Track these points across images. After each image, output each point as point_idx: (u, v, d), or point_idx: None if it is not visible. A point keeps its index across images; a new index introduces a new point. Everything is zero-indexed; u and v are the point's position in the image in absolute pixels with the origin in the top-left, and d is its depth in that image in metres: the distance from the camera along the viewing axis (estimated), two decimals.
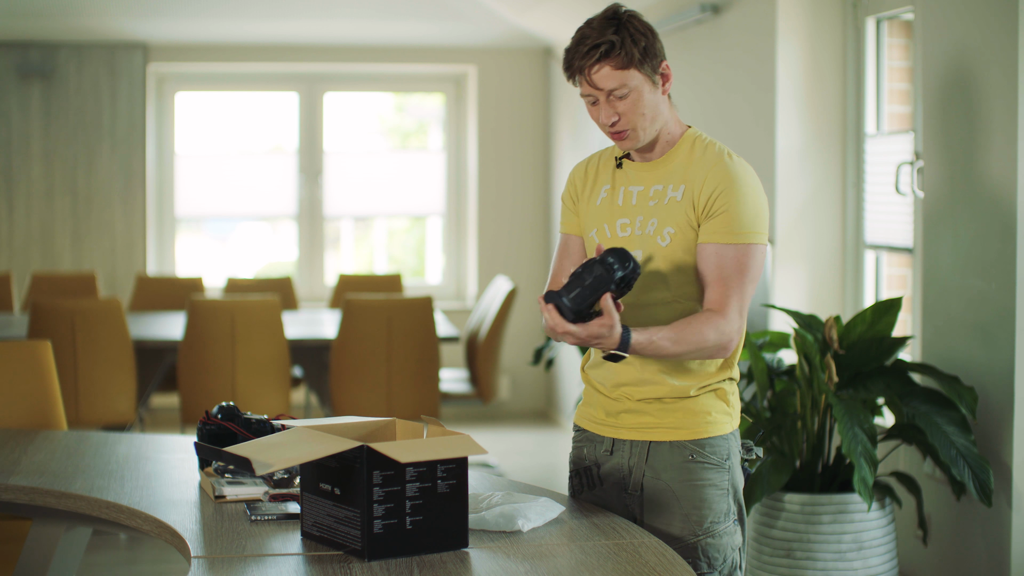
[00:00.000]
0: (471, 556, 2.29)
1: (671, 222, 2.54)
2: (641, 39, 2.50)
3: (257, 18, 7.86)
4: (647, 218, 2.57)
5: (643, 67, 2.51)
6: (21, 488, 2.88)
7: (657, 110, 2.55)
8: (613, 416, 2.65)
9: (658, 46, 2.53)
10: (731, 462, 2.60)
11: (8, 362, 3.73)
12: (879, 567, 4.03)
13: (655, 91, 2.53)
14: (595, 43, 2.49)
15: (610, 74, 2.50)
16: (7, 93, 8.01)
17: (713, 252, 2.51)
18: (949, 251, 4.13)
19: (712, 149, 2.57)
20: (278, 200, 8.63)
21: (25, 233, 8.09)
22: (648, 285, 2.57)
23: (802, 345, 4.05)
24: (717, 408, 2.60)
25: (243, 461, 2.29)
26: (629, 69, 2.50)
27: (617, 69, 2.50)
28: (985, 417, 3.96)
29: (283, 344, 5.78)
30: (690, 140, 2.59)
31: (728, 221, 2.49)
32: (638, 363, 2.59)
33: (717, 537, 2.57)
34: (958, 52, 4.08)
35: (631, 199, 2.60)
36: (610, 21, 2.51)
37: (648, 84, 2.52)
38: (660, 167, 2.59)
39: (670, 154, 2.59)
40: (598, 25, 2.51)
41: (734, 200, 2.50)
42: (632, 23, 2.51)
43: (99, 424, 5.72)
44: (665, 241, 2.54)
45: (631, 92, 2.51)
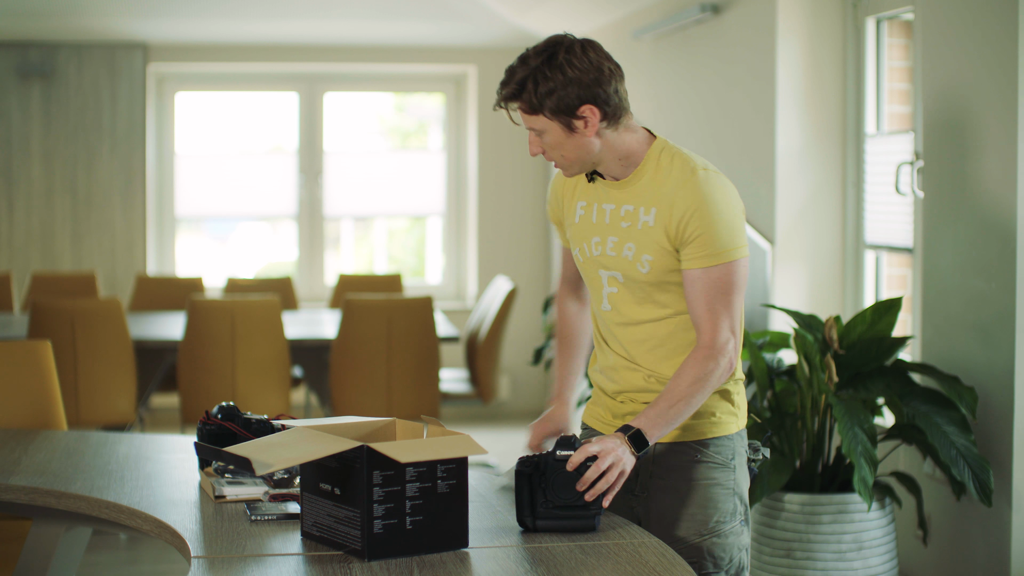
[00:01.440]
0: (471, 556, 2.29)
1: (648, 249, 2.51)
2: (546, 84, 2.41)
3: (257, 18, 7.86)
4: (622, 240, 2.54)
5: (546, 114, 2.44)
6: (21, 488, 2.88)
7: (583, 151, 2.48)
8: (619, 418, 2.64)
9: (576, 92, 2.41)
10: (736, 462, 2.60)
11: (8, 362, 3.73)
12: (879, 567, 4.03)
13: (573, 136, 2.46)
14: (503, 82, 2.46)
15: (523, 116, 2.48)
16: (7, 93, 8.01)
17: (697, 277, 2.48)
18: (949, 251, 4.13)
19: (678, 165, 2.50)
20: (278, 200, 8.63)
21: (25, 233, 8.09)
22: (638, 304, 2.56)
23: (802, 345, 4.05)
24: (722, 408, 2.59)
25: (243, 461, 2.29)
26: (536, 115, 2.45)
27: (525, 113, 2.47)
28: (985, 417, 3.96)
29: (283, 344, 5.78)
30: (656, 156, 2.52)
31: (706, 244, 2.46)
32: (641, 372, 2.59)
33: (723, 537, 2.57)
34: (958, 52, 4.08)
35: (604, 217, 2.57)
36: (525, 64, 2.44)
37: (559, 129, 2.46)
38: (628, 186, 2.54)
39: (637, 172, 2.53)
40: (515, 66, 2.46)
41: (707, 221, 2.45)
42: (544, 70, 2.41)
43: (99, 424, 5.72)
44: (644, 268, 2.52)
45: (545, 134, 2.47)
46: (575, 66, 2.42)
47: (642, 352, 2.58)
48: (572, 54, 2.43)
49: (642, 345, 2.58)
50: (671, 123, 6.15)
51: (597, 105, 2.44)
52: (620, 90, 2.48)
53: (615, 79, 2.46)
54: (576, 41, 2.46)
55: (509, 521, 2.49)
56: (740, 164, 5.39)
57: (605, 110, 2.45)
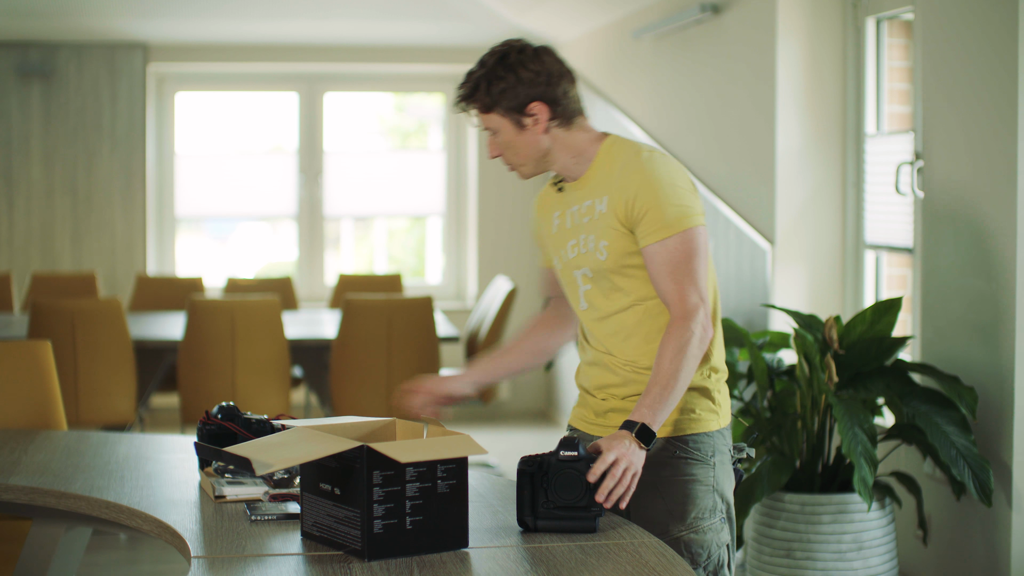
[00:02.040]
0: (471, 556, 2.29)
1: (604, 236, 2.59)
2: (499, 84, 2.56)
3: (257, 18, 7.86)
4: (586, 235, 2.63)
5: (500, 111, 2.58)
6: (21, 488, 2.88)
7: (534, 149, 2.61)
8: (601, 416, 2.69)
9: (524, 90, 2.56)
10: (717, 459, 2.63)
11: (8, 362, 3.73)
12: (879, 567, 4.03)
13: (523, 133, 2.59)
14: (460, 84, 2.63)
15: (480, 117, 2.62)
16: (7, 93, 8.01)
17: (655, 252, 2.54)
18: (949, 251, 4.13)
19: (624, 152, 2.60)
20: (278, 200, 8.63)
21: (25, 233, 8.09)
22: (606, 296, 2.63)
23: (802, 345, 4.05)
24: (702, 406, 2.63)
25: (243, 461, 2.29)
26: (489, 113, 2.60)
27: (480, 112, 2.61)
28: (985, 417, 3.96)
29: (283, 344, 5.78)
30: (607, 150, 2.63)
31: (657, 218, 2.53)
32: (620, 366, 2.63)
33: (701, 533, 2.59)
34: (958, 52, 4.08)
35: (574, 219, 2.66)
36: (480, 66, 2.60)
37: (510, 127, 2.59)
38: (585, 183, 2.64)
39: (591, 168, 2.63)
40: (476, 66, 2.61)
41: (653, 196, 2.53)
42: (496, 70, 2.57)
43: (99, 424, 5.72)
44: (603, 255, 2.60)
45: (499, 133, 2.61)
46: (527, 67, 2.57)
47: (617, 343, 2.64)
48: (524, 55, 2.58)
49: (616, 336, 2.64)
50: (671, 123, 6.15)
51: (547, 103, 2.58)
52: (571, 92, 2.62)
53: (565, 82, 2.61)
54: (529, 45, 2.61)
55: (509, 521, 2.49)
56: (740, 164, 5.39)
57: (555, 109, 2.59)
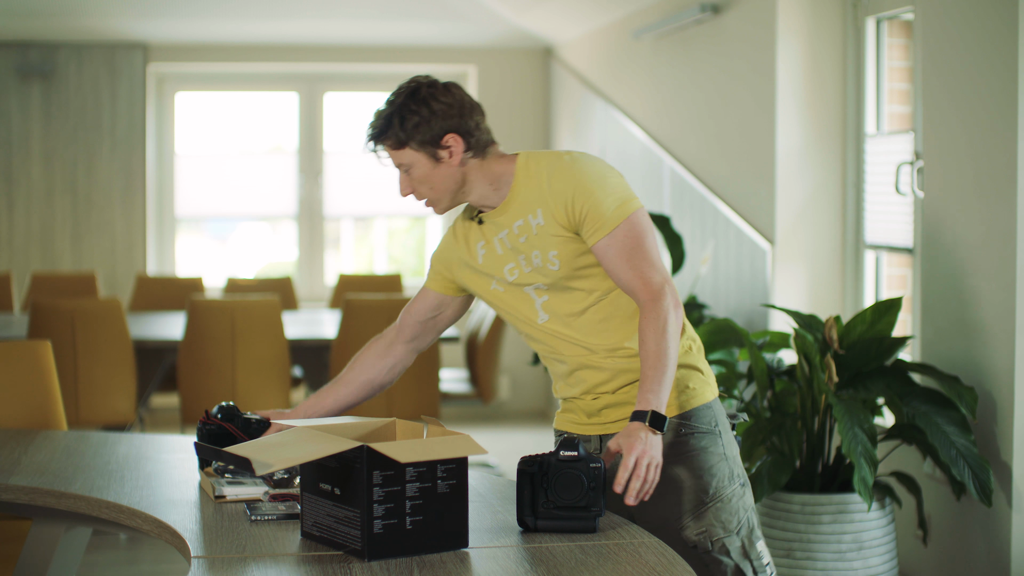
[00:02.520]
0: (471, 556, 2.29)
1: (552, 246, 2.60)
2: (412, 118, 2.56)
3: (257, 18, 7.86)
4: (528, 253, 2.62)
5: (414, 145, 2.58)
6: (21, 488, 2.88)
7: (450, 181, 2.61)
8: (595, 415, 2.68)
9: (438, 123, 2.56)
10: (721, 427, 2.65)
11: (8, 362, 3.73)
12: (879, 567, 4.03)
13: (439, 166, 2.59)
14: (370, 124, 2.63)
15: (391, 154, 2.62)
16: (7, 93, 8.01)
17: (606, 246, 2.56)
18: (949, 251, 4.13)
19: (544, 162, 2.61)
20: (278, 200, 8.63)
21: (25, 233, 8.09)
22: (569, 299, 2.64)
23: (802, 345, 4.05)
24: (694, 379, 2.65)
25: (243, 461, 2.29)
26: (403, 149, 2.59)
27: (392, 149, 2.61)
28: (985, 417, 3.96)
29: (283, 344, 5.78)
30: (523, 167, 2.63)
31: (598, 216, 2.55)
32: (604, 359, 2.63)
33: (726, 501, 2.60)
34: (958, 52, 4.08)
35: (505, 244, 2.66)
36: (389, 104, 2.61)
37: (425, 160, 2.59)
38: (510, 206, 2.64)
39: (512, 190, 2.63)
40: (379, 107, 2.62)
41: (589, 195, 2.55)
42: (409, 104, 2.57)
43: (99, 424, 5.72)
44: (554, 265, 2.61)
45: (413, 167, 2.60)
46: (439, 100, 2.58)
47: (595, 336, 2.64)
48: (435, 89, 2.60)
49: (592, 331, 2.64)
50: (671, 123, 6.15)
51: (461, 135, 2.59)
52: (482, 124, 2.64)
53: (476, 113, 2.63)
54: (437, 80, 2.63)
55: (509, 521, 2.49)
56: (740, 164, 5.39)
57: (469, 140, 2.60)
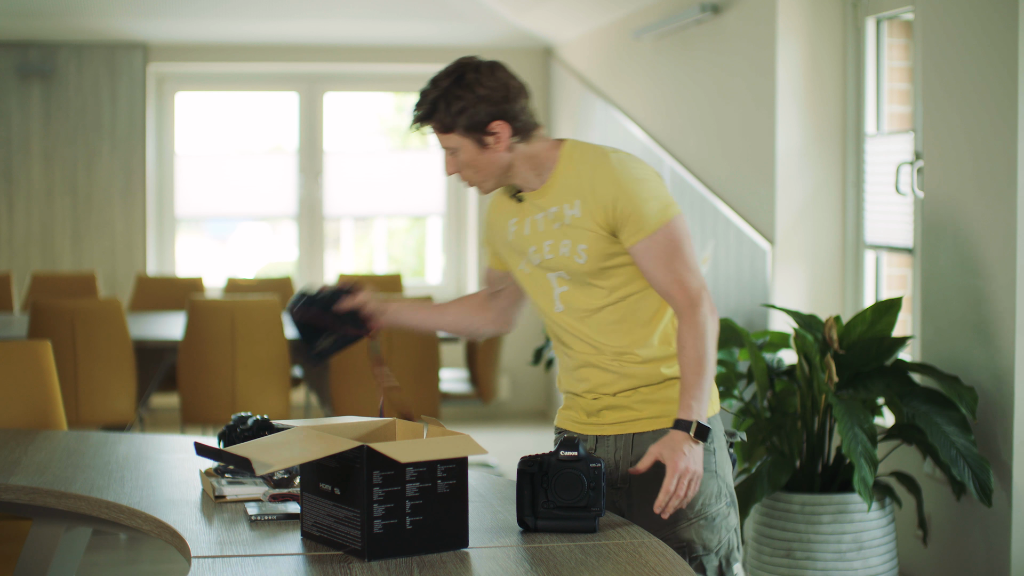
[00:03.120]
0: (471, 556, 2.29)
1: (582, 239, 2.60)
2: (457, 103, 2.54)
3: (257, 18, 7.86)
4: (558, 240, 2.63)
5: (460, 131, 2.56)
6: (21, 488, 2.88)
7: (494, 166, 2.60)
8: (594, 415, 2.69)
9: (485, 109, 2.54)
10: (715, 445, 2.64)
11: (8, 362, 3.73)
12: (879, 567, 4.03)
13: (485, 151, 2.58)
14: (416, 105, 2.60)
15: (437, 136, 2.60)
16: (7, 93, 8.01)
17: (644, 248, 2.57)
18: (949, 251, 4.13)
19: (589, 155, 2.61)
20: (278, 200, 8.63)
21: (25, 233, 8.09)
22: (587, 294, 2.64)
23: (802, 345, 4.05)
24: None
25: (243, 461, 2.29)
26: (450, 133, 2.57)
27: (438, 132, 2.59)
28: (985, 417, 3.96)
29: (283, 344, 5.78)
30: (567, 155, 2.63)
31: (639, 218, 2.55)
32: (609, 361, 2.64)
33: (710, 519, 2.59)
34: (958, 52, 4.08)
35: (537, 226, 2.66)
36: (435, 86, 2.57)
37: (471, 146, 2.57)
38: (549, 190, 2.64)
39: (553, 175, 2.63)
40: (426, 88, 2.58)
41: (631, 198, 2.55)
42: (454, 90, 2.54)
43: (99, 424, 5.72)
44: (582, 259, 2.61)
45: (459, 151, 2.59)
46: (484, 84, 2.55)
47: (604, 337, 2.64)
48: (480, 73, 2.56)
49: (602, 332, 2.64)
50: (671, 123, 6.14)
51: (507, 120, 2.57)
52: (528, 107, 2.62)
53: (523, 96, 2.61)
54: (483, 62, 2.59)
55: (509, 521, 2.49)
56: (740, 164, 5.39)
57: (515, 125, 2.58)
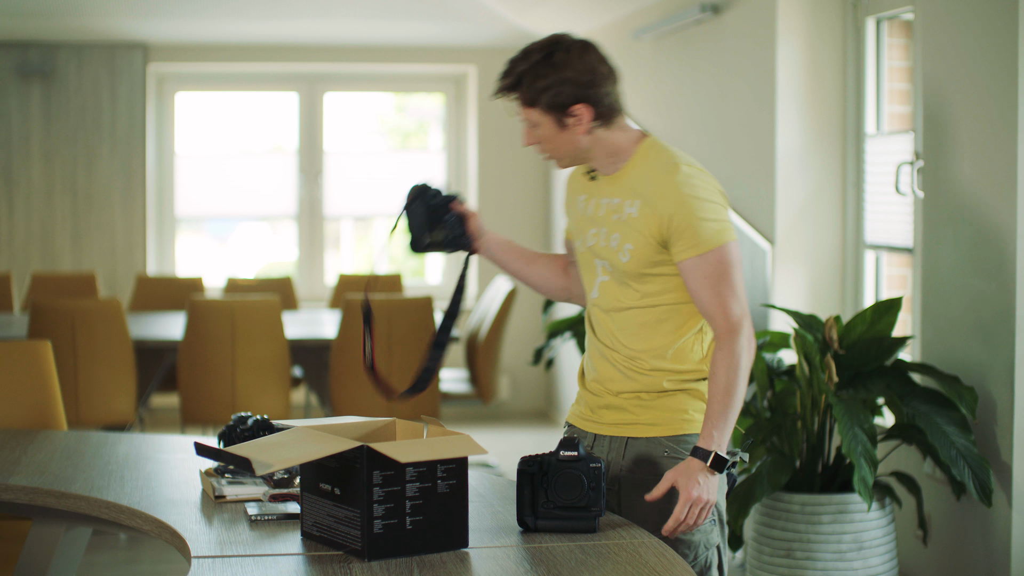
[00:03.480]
0: (471, 556, 2.29)
1: (630, 239, 2.59)
2: (542, 81, 2.51)
3: (257, 18, 7.86)
4: (611, 231, 2.62)
5: (541, 107, 2.54)
6: (21, 488, 2.88)
7: (571, 147, 2.59)
8: (594, 411, 2.70)
9: (568, 90, 2.51)
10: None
11: (8, 362, 3.73)
12: (879, 567, 4.03)
13: (564, 132, 2.56)
14: (502, 75, 2.56)
15: (519, 107, 2.57)
16: (7, 93, 8.01)
17: (693, 266, 2.55)
18: (949, 251, 4.13)
19: (661, 160, 2.58)
20: (278, 200, 8.63)
21: (25, 233, 8.09)
22: (621, 293, 2.63)
23: (802, 345, 4.05)
24: (694, 407, 2.64)
25: (243, 461, 2.29)
26: (532, 108, 2.55)
27: (522, 105, 2.56)
28: (985, 417, 3.96)
29: (283, 344, 5.78)
30: (643, 152, 2.61)
31: (693, 235, 2.53)
32: (621, 360, 2.64)
33: (689, 533, 2.59)
34: (958, 52, 4.08)
35: (600, 210, 2.65)
36: (523, 59, 2.54)
37: (552, 124, 2.55)
38: (618, 181, 2.63)
39: (626, 167, 2.62)
40: (521, 55, 2.55)
41: (692, 214, 2.52)
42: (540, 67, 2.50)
43: (99, 424, 5.72)
44: (625, 257, 2.60)
45: (539, 127, 2.57)
46: (571, 66, 2.51)
47: (622, 337, 2.64)
48: (570, 54, 2.52)
49: (622, 332, 2.64)
50: (671, 123, 6.14)
51: (591, 104, 2.54)
52: (614, 92, 2.58)
53: (610, 81, 2.57)
54: (575, 41, 2.55)
55: (509, 521, 2.49)
56: (740, 164, 5.38)
57: (598, 110, 2.55)
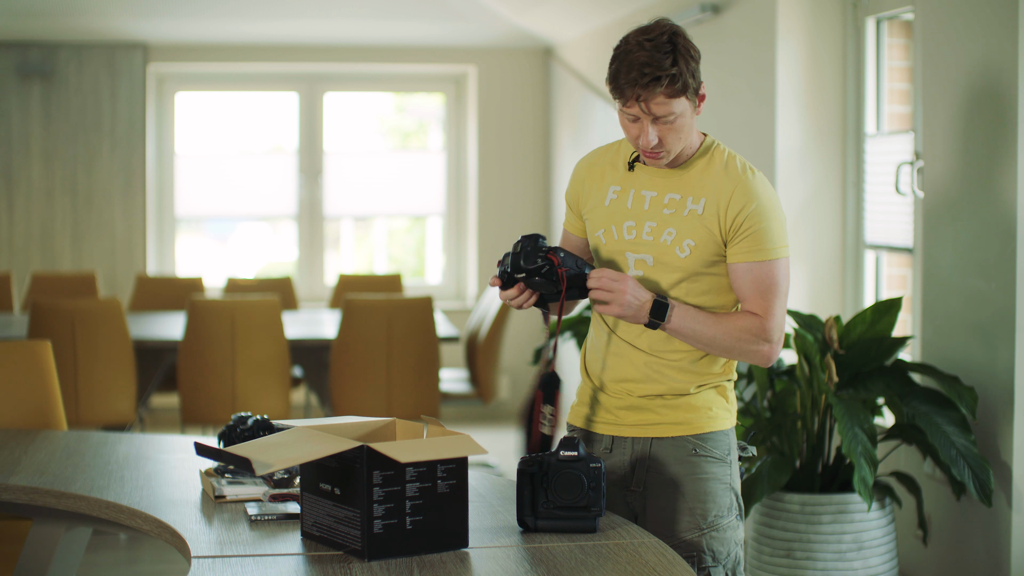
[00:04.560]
0: (471, 556, 2.29)
1: (692, 235, 2.57)
2: (692, 65, 2.51)
3: (257, 18, 7.86)
4: (662, 226, 2.58)
5: (689, 94, 2.53)
6: (21, 488, 2.88)
7: (692, 131, 2.59)
8: (612, 412, 2.67)
9: (698, 71, 2.54)
10: (732, 457, 2.65)
11: (8, 362, 3.73)
12: (879, 567, 4.03)
13: (693, 115, 2.57)
14: (655, 74, 2.47)
15: (663, 102, 2.51)
16: (7, 93, 8.01)
17: (747, 270, 2.56)
18: (949, 251, 4.14)
19: (734, 164, 2.59)
20: (278, 200, 8.63)
21: (25, 233, 8.08)
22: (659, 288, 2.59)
23: (802, 345, 4.05)
24: (718, 404, 2.63)
25: (243, 461, 2.29)
26: (680, 97, 2.52)
27: (670, 98, 2.51)
28: (985, 417, 3.96)
29: (283, 344, 5.78)
30: (708, 150, 2.61)
31: (758, 240, 2.54)
32: (643, 359, 2.62)
33: (721, 531, 2.60)
34: (958, 52, 4.08)
35: (643, 203, 2.61)
36: (667, 47, 2.48)
37: (691, 109, 2.55)
38: (677, 176, 2.60)
39: (688, 163, 2.60)
40: (656, 50, 2.48)
41: (762, 219, 2.54)
42: (688, 50, 2.51)
43: (99, 424, 5.72)
44: (684, 253, 2.57)
45: (677, 118, 2.53)
46: (694, 49, 2.54)
47: (655, 337, 2.61)
48: (683, 36, 2.53)
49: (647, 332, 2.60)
50: None
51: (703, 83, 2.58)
52: None
53: None
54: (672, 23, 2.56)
55: (509, 521, 2.49)
56: None
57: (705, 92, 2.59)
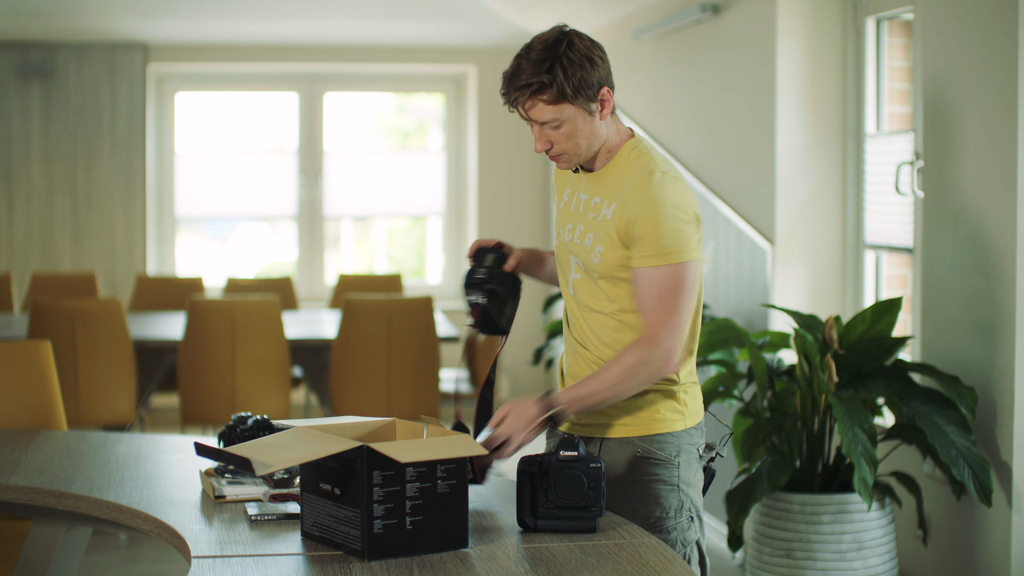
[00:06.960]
0: (471, 556, 2.29)
1: (602, 241, 2.58)
2: (576, 72, 2.48)
3: (257, 18, 7.86)
4: (586, 230, 2.62)
5: (577, 100, 2.50)
6: (21, 488, 2.88)
7: (593, 135, 2.56)
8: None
9: (596, 75, 2.50)
10: (682, 459, 2.63)
11: (8, 362, 3.73)
12: (879, 567, 4.03)
13: (591, 119, 2.53)
14: (527, 81, 2.49)
15: (543, 109, 2.51)
16: (7, 93, 8.01)
17: (644, 275, 2.54)
18: (949, 251, 4.13)
19: (640, 165, 2.57)
20: (278, 200, 8.63)
21: (25, 233, 8.09)
22: (593, 294, 2.63)
23: (802, 345, 4.05)
24: (666, 406, 2.63)
25: (243, 461, 2.29)
26: (562, 104, 2.50)
27: (550, 104, 2.51)
28: (985, 417, 3.96)
29: (283, 344, 5.78)
30: (627, 153, 2.60)
31: (651, 244, 2.52)
32: (592, 360, 2.64)
33: (665, 532, 2.60)
34: (958, 52, 4.08)
35: (579, 207, 2.65)
36: (547, 53, 2.48)
37: (583, 115, 2.52)
38: (600, 179, 2.62)
39: (609, 166, 2.61)
40: (535, 57, 2.49)
41: (652, 223, 2.50)
42: (569, 55, 2.48)
43: (99, 424, 5.72)
44: (596, 259, 2.60)
45: (564, 123, 2.53)
46: (594, 52, 2.52)
47: (592, 340, 2.65)
48: (582, 40, 2.52)
49: (592, 334, 2.65)
50: (671, 123, 6.14)
51: (610, 88, 2.55)
52: None
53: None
54: (574, 30, 2.55)
55: (509, 521, 2.50)
56: (740, 164, 5.39)
57: (613, 95, 2.56)
